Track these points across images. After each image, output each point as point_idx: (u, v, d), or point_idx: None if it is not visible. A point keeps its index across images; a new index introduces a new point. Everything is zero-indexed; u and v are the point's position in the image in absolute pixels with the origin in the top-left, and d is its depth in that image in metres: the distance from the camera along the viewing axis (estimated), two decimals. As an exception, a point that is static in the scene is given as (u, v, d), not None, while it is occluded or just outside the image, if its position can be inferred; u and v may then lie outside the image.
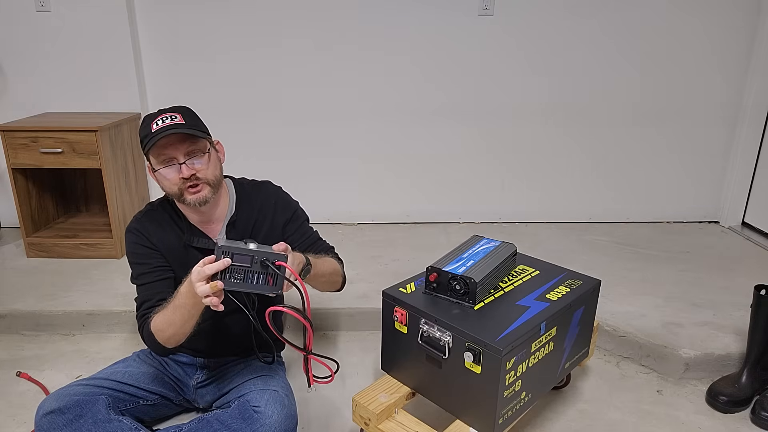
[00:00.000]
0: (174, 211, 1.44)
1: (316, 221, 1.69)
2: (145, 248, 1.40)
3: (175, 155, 1.30)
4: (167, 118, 1.29)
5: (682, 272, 2.36)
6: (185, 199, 1.33)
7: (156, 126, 1.28)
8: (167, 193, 1.36)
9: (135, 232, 1.41)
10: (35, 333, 2.05)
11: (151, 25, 2.65)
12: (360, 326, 2.08)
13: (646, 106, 2.81)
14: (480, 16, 2.66)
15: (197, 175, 1.31)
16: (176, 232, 1.42)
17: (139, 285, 1.40)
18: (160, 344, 1.30)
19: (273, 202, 1.50)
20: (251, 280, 1.15)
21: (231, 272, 1.12)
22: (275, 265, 1.14)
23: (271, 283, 1.16)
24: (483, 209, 2.99)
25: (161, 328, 1.27)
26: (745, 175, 2.88)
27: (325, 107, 2.78)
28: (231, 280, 1.13)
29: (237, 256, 1.12)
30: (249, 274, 1.14)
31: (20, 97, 2.68)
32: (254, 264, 1.14)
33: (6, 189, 2.76)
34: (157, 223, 1.43)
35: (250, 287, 1.15)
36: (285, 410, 1.31)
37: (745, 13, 2.66)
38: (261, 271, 1.15)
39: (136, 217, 1.45)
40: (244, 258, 1.13)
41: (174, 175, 1.31)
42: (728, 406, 1.64)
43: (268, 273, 1.15)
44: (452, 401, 1.33)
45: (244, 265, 1.13)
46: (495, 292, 1.44)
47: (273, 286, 1.16)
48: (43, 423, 1.26)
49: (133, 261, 1.41)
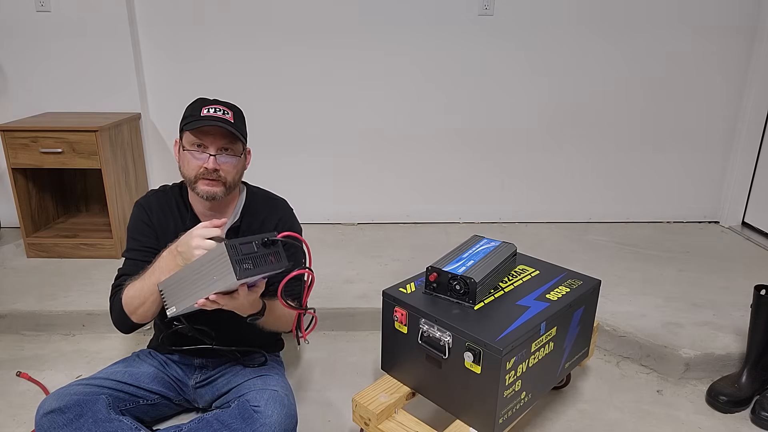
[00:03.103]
0: (182, 199, 1.48)
1: (316, 221, 1.70)
2: (143, 224, 1.46)
3: (209, 145, 1.35)
4: (219, 110, 1.37)
5: (682, 272, 2.36)
6: (197, 187, 1.37)
7: (206, 112, 1.35)
8: (183, 175, 1.41)
9: (140, 207, 1.48)
10: (35, 333, 2.05)
11: (151, 25, 2.65)
12: (360, 326, 2.08)
13: (646, 106, 2.81)
14: (480, 16, 2.66)
15: (220, 171, 1.36)
16: (179, 219, 1.46)
17: (126, 258, 1.45)
18: (126, 315, 1.35)
19: (277, 220, 1.52)
20: (262, 264, 1.16)
21: (242, 262, 1.12)
22: (273, 240, 1.18)
23: (274, 261, 1.18)
24: (483, 209, 2.99)
25: (131, 297, 1.32)
26: (745, 175, 2.88)
27: (325, 107, 2.78)
28: (244, 267, 1.12)
29: (243, 246, 1.13)
30: (258, 259, 1.15)
31: (20, 97, 2.68)
32: (258, 248, 1.15)
33: (6, 189, 2.76)
34: (164, 205, 1.48)
35: (262, 270, 1.16)
36: (285, 410, 1.31)
37: (746, 14, 2.67)
38: (265, 252, 1.16)
39: (149, 192, 1.51)
40: (248, 246, 1.14)
41: (198, 162, 1.36)
42: (728, 406, 1.64)
43: (269, 252, 1.17)
44: (452, 401, 1.33)
45: (251, 252, 1.14)
46: (495, 292, 1.44)
47: (279, 261, 1.18)
48: (43, 422, 1.26)
49: (130, 234, 1.47)
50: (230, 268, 1.09)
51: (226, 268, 1.10)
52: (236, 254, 1.11)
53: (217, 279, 1.13)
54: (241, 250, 1.12)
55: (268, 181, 1.83)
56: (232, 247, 1.11)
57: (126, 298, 1.34)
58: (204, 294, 1.16)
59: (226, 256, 1.10)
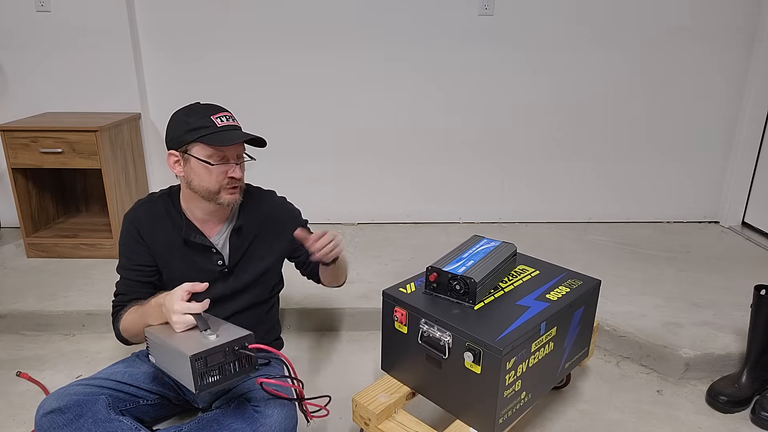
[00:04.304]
0: (173, 205, 1.46)
1: (316, 221, 1.70)
2: (134, 241, 1.44)
3: (230, 154, 1.35)
4: (228, 117, 1.37)
5: (682, 272, 2.36)
6: (220, 197, 1.37)
7: (220, 122, 1.34)
8: (200, 188, 1.36)
9: (128, 222, 1.45)
10: (35, 333, 2.05)
11: (151, 25, 2.65)
12: (360, 326, 2.08)
13: (646, 106, 2.81)
14: (480, 16, 2.66)
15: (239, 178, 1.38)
16: (171, 226, 1.44)
17: (120, 276, 1.47)
18: (126, 339, 1.42)
19: (280, 214, 1.55)
20: (229, 372, 1.15)
21: (207, 374, 1.11)
22: (248, 348, 1.16)
23: (245, 365, 1.17)
24: (483, 209, 2.99)
25: (126, 327, 1.39)
26: (745, 175, 2.88)
27: (325, 107, 2.78)
28: (209, 380, 1.11)
29: (211, 356, 1.11)
30: (226, 367, 1.14)
31: (20, 97, 2.68)
32: (227, 356, 1.14)
33: (6, 189, 2.76)
34: (153, 215, 1.45)
35: (229, 378, 1.15)
36: (285, 410, 1.31)
37: (746, 13, 2.67)
38: (234, 358, 1.15)
39: (136, 204, 1.48)
40: (216, 356, 1.12)
41: (221, 173, 1.34)
42: (728, 406, 1.64)
43: (241, 356, 1.16)
44: (452, 401, 1.33)
45: (218, 362, 1.13)
46: (495, 292, 1.44)
47: (248, 366, 1.18)
48: (43, 422, 1.26)
49: (121, 250, 1.47)
50: (191, 380, 1.10)
51: (189, 377, 1.10)
52: (201, 367, 1.10)
53: (183, 377, 1.13)
54: (207, 361, 1.10)
55: (269, 181, 1.83)
56: (198, 359, 1.09)
57: (123, 324, 1.40)
58: (174, 375, 1.18)
59: (189, 368, 1.09)
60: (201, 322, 1.19)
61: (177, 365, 1.14)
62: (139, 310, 1.34)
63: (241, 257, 1.49)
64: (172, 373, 1.19)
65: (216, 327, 1.20)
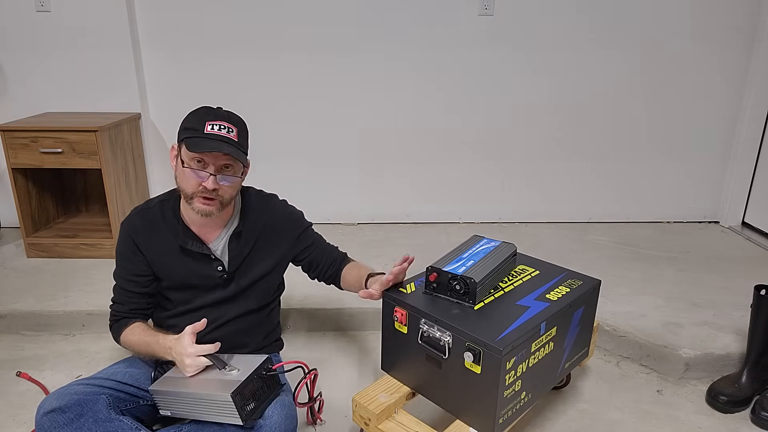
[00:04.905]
0: (172, 212, 1.44)
1: (316, 221, 1.70)
2: (130, 252, 1.44)
3: (210, 163, 1.31)
4: (224, 128, 1.31)
5: (682, 272, 2.36)
6: (194, 203, 1.34)
7: (210, 129, 1.30)
8: (179, 187, 1.38)
9: (124, 232, 1.45)
10: (35, 333, 2.05)
11: (151, 25, 2.65)
12: (360, 326, 2.08)
13: (646, 106, 2.81)
14: (480, 16, 2.66)
15: (218, 191, 1.33)
16: (169, 234, 1.43)
17: (115, 282, 1.49)
18: (124, 348, 1.47)
19: (281, 218, 1.54)
20: (261, 395, 1.26)
21: (247, 405, 1.21)
22: (271, 369, 1.29)
23: (273, 385, 1.30)
24: (483, 209, 2.99)
25: (129, 347, 1.45)
26: (745, 175, 2.88)
27: (325, 107, 2.78)
28: (248, 409, 1.21)
29: (246, 387, 1.21)
30: (258, 392, 1.25)
31: (20, 97, 2.68)
32: (257, 382, 1.25)
33: (6, 189, 2.76)
34: (151, 223, 1.44)
35: (263, 401, 1.26)
36: (285, 410, 1.31)
37: (746, 13, 2.67)
38: (262, 383, 1.28)
39: (132, 212, 1.46)
40: (250, 386, 1.23)
41: (197, 180, 1.32)
42: (728, 406, 1.64)
43: (267, 379, 1.28)
44: (452, 401, 1.33)
45: (254, 390, 1.24)
46: (495, 292, 1.44)
47: (274, 385, 1.31)
48: (43, 422, 1.26)
49: (117, 258, 1.47)
50: (237, 416, 1.20)
51: (233, 415, 1.19)
52: (241, 401, 1.19)
53: (222, 417, 1.22)
54: (245, 394, 1.20)
55: (269, 182, 1.83)
56: (237, 395, 1.18)
57: (125, 342, 1.45)
58: (204, 418, 1.26)
59: (233, 406, 1.18)
60: (217, 362, 1.28)
61: (212, 409, 1.22)
62: (145, 340, 1.39)
63: (241, 263, 1.48)
64: (204, 417, 1.26)
65: (232, 362, 1.30)
